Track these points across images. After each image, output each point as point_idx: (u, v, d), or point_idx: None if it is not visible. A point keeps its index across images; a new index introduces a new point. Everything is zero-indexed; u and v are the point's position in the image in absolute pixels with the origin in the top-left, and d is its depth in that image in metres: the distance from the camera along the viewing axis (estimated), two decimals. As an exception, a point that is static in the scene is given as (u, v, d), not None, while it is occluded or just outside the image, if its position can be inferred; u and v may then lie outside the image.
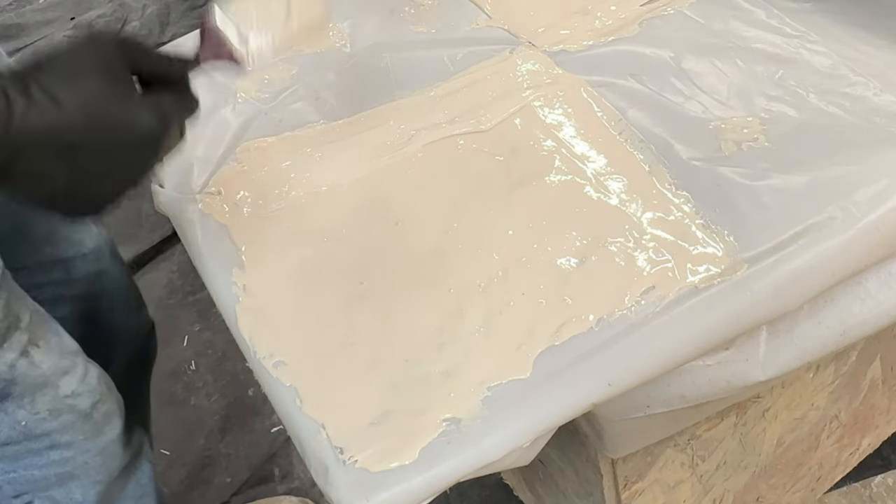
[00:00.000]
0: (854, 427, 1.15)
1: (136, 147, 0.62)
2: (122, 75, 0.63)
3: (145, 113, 0.62)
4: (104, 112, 0.60)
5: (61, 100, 0.58)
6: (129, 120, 0.61)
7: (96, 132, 0.59)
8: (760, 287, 0.67)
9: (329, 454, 0.64)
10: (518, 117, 0.84)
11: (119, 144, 0.61)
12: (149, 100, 0.64)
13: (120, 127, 0.61)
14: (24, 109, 0.56)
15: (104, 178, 0.61)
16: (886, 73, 0.81)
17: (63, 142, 0.58)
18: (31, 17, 2.57)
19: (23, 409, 0.80)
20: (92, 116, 0.59)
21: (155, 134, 0.63)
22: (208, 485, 1.45)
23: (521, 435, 0.64)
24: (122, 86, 0.63)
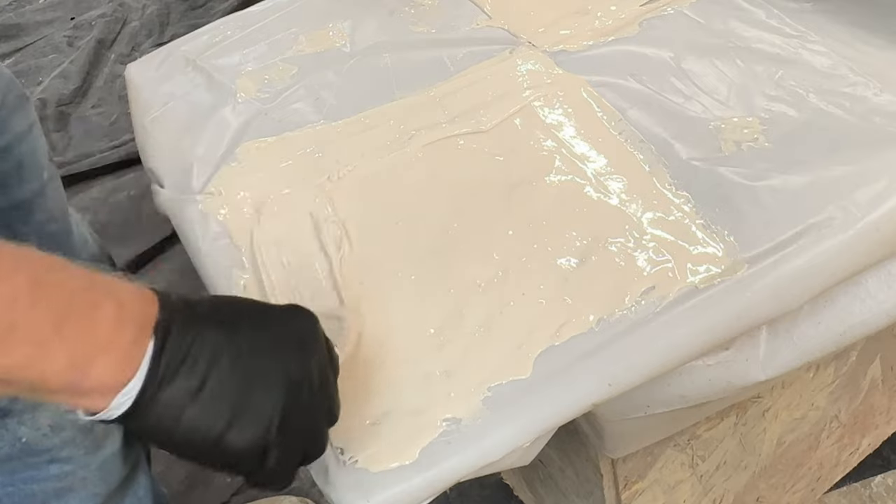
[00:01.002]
0: (854, 427, 1.15)
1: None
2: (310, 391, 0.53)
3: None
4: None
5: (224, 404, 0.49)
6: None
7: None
8: (760, 287, 0.67)
9: (329, 454, 0.64)
10: (518, 117, 0.84)
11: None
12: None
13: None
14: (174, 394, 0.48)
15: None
16: (886, 73, 0.81)
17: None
18: (31, 17, 2.57)
19: (24, 426, 0.80)
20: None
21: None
22: (208, 485, 1.44)
23: (521, 435, 0.64)
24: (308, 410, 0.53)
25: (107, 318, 0.47)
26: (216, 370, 0.49)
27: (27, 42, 2.48)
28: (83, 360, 0.46)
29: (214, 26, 1.05)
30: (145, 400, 0.48)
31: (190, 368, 0.48)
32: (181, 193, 0.84)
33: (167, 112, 0.94)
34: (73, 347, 0.45)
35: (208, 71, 0.97)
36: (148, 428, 0.49)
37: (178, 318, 0.50)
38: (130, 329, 0.47)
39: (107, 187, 1.98)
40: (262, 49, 0.99)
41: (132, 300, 0.49)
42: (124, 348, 0.47)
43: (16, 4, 2.64)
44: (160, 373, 0.48)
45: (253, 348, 0.51)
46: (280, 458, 0.52)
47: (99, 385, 0.47)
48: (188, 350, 0.49)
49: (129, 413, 0.48)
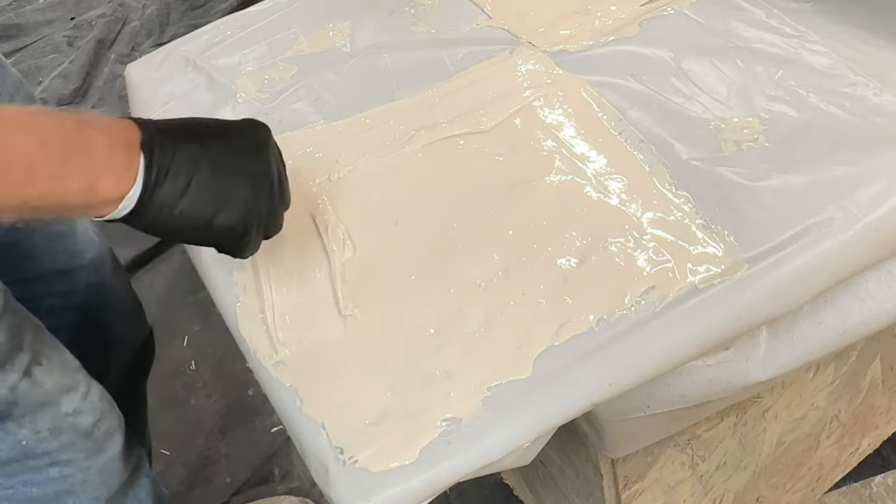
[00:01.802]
0: (854, 427, 1.15)
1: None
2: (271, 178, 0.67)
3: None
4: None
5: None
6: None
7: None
8: (760, 287, 0.67)
9: (329, 454, 0.64)
10: (518, 117, 0.84)
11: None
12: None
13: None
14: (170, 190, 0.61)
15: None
16: (886, 73, 0.81)
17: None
18: (31, 17, 2.57)
19: (24, 429, 0.80)
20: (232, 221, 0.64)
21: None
22: (208, 485, 1.45)
23: (521, 435, 0.64)
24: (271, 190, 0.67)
25: (101, 146, 0.58)
26: (197, 172, 0.62)
27: (27, 42, 2.48)
28: (91, 181, 0.58)
29: (214, 26, 1.05)
30: (144, 201, 0.60)
31: (175, 173, 0.61)
32: (181, 193, 0.84)
33: (167, 112, 0.94)
34: (82, 173, 0.57)
35: (208, 71, 0.97)
36: (148, 222, 0.61)
37: (158, 137, 0.61)
38: (122, 151, 0.59)
39: (107, 187, 1.98)
40: (262, 49, 0.99)
41: (117, 128, 0.60)
42: (121, 166, 0.59)
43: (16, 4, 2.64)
44: (153, 178, 0.60)
45: (224, 152, 0.64)
46: (255, 235, 0.66)
47: (107, 197, 0.59)
48: (171, 159, 0.61)
49: (133, 212, 0.60)
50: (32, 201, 0.56)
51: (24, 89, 0.93)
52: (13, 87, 0.91)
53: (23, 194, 0.55)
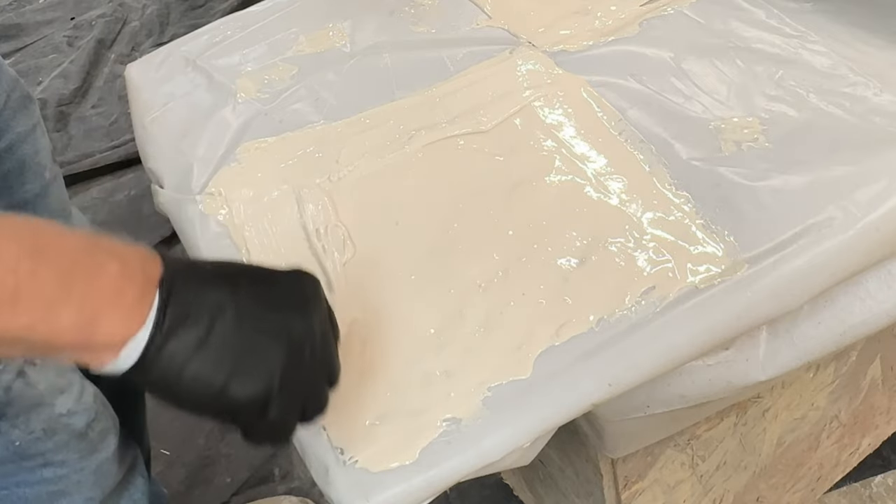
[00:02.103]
0: (854, 427, 1.15)
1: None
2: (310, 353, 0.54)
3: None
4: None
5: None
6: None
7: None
8: (760, 287, 0.67)
9: (329, 454, 0.64)
10: (518, 117, 0.84)
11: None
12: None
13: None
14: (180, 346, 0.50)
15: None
16: (886, 73, 0.81)
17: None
18: (31, 17, 2.57)
19: (17, 429, 0.79)
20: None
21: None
22: (208, 485, 1.44)
23: (521, 435, 0.64)
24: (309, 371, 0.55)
25: (111, 275, 0.48)
26: (220, 324, 0.51)
27: (27, 42, 2.48)
28: (91, 318, 0.47)
29: (214, 26, 1.05)
30: (151, 352, 0.49)
31: (194, 322, 0.50)
32: (181, 193, 0.84)
33: (167, 112, 0.94)
34: (80, 306, 0.47)
35: (208, 71, 0.97)
36: (153, 380, 0.50)
37: (182, 275, 0.51)
38: (135, 285, 0.49)
39: (107, 187, 1.98)
40: (262, 49, 0.99)
41: (135, 258, 0.50)
42: (130, 304, 0.49)
43: (16, 4, 2.64)
44: (165, 326, 0.49)
45: (256, 304, 0.53)
46: (280, 413, 0.53)
47: (107, 340, 0.48)
48: (192, 304, 0.50)
49: (136, 366, 0.49)
50: (13, 332, 0.46)
51: (21, 88, 0.92)
52: (9, 87, 0.90)
53: (3, 320, 0.45)
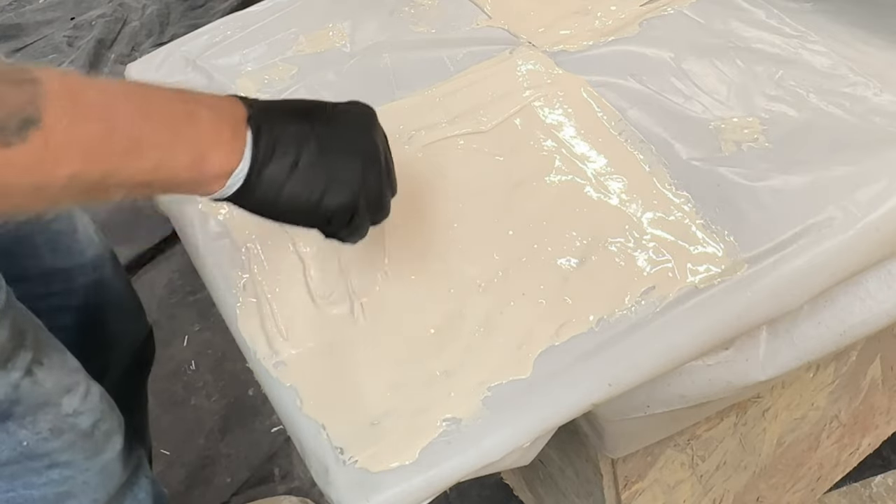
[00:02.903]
0: (854, 427, 1.15)
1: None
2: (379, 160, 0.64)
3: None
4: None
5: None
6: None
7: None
8: (760, 287, 0.67)
9: (329, 454, 0.64)
10: (518, 117, 0.84)
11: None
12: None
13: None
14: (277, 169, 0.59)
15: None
16: (886, 73, 0.81)
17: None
18: (31, 17, 2.57)
19: (24, 429, 0.79)
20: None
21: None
22: (208, 485, 1.45)
23: (521, 435, 0.64)
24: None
25: (207, 120, 0.57)
26: (305, 150, 0.59)
27: (27, 42, 2.48)
28: (199, 155, 0.56)
29: (214, 26, 1.05)
30: (252, 178, 0.58)
31: (283, 151, 0.59)
32: (181, 193, 0.84)
33: (167, 112, 0.93)
34: (191, 147, 0.56)
35: (208, 71, 0.97)
36: (256, 201, 0.60)
37: (264, 114, 0.60)
38: (228, 125, 0.58)
39: (107, 187, 1.98)
40: (262, 49, 0.99)
41: (221, 103, 0.59)
42: (228, 141, 0.57)
43: (16, 4, 2.64)
44: (260, 156, 0.58)
45: (332, 131, 0.62)
46: (363, 217, 0.63)
47: (215, 172, 0.57)
48: (279, 136, 0.59)
49: (240, 191, 0.59)
50: (141, 174, 0.55)
51: None
52: None
53: (132, 166, 0.54)
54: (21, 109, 0.48)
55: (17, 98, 0.48)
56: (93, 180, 0.53)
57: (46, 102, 0.49)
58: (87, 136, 0.51)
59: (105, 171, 0.53)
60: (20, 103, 0.48)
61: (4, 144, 0.48)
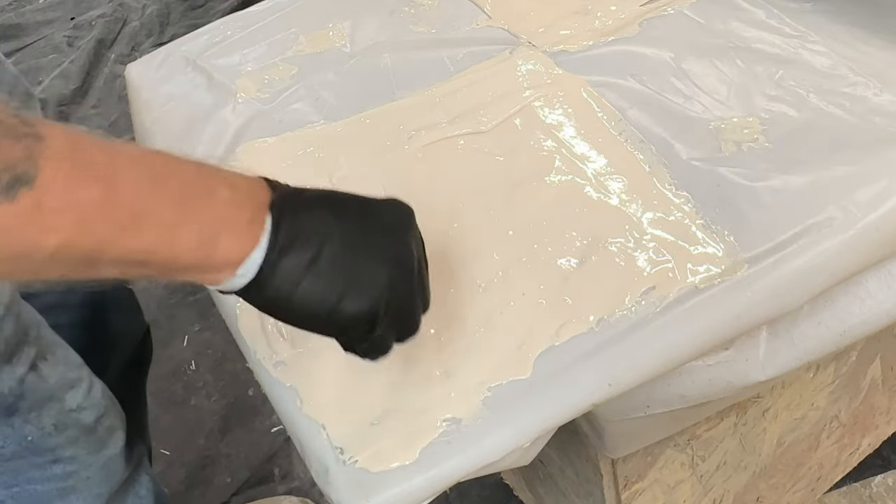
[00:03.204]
0: (854, 427, 1.15)
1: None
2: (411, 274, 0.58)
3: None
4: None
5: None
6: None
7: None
8: (760, 287, 0.67)
9: (329, 454, 0.64)
10: (518, 117, 0.84)
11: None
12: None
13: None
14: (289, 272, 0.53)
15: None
16: (886, 73, 0.81)
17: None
18: (31, 17, 2.57)
19: (29, 424, 0.80)
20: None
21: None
22: (208, 485, 1.45)
23: (521, 435, 0.64)
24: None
25: (224, 199, 0.51)
26: (328, 245, 0.54)
27: (27, 42, 2.49)
28: (208, 239, 0.50)
29: (214, 26, 1.05)
30: (266, 270, 0.52)
31: (304, 243, 0.53)
32: (181, 193, 0.84)
33: (167, 112, 0.94)
34: (200, 227, 0.50)
35: (208, 71, 0.97)
36: (268, 298, 0.53)
37: (290, 200, 0.55)
38: (247, 208, 0.52)
39: (107, 187, 1.98)
40: (262, 49, 0.99)
41: (244, 184, 0.53)
42: (244, 225, 0.52)
43: (16, 4, 2.64)
44: (278, 245, 0.52)
45: (360, 229, 0.56)
46: (384, 331, 0.57)
47: (224, 259, 0.51)
48: (301, 227, 0.54)
49: (251, 284, 0.53)
50: (138, 252, 0.49)
51: (21, 85, 0.93)
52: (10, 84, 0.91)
53: (128, 241, 0.48)
54: (14, 166, 0.43)
55: (13, 153, 0.43)
56: (83, 253, 0.47)
57: (45, 161, 0.44)
58: (83, 203, 0.46)
59: (98, 244, 0.47)
60: (15, 159, 0.43)
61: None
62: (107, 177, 0.47)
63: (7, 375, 0.77)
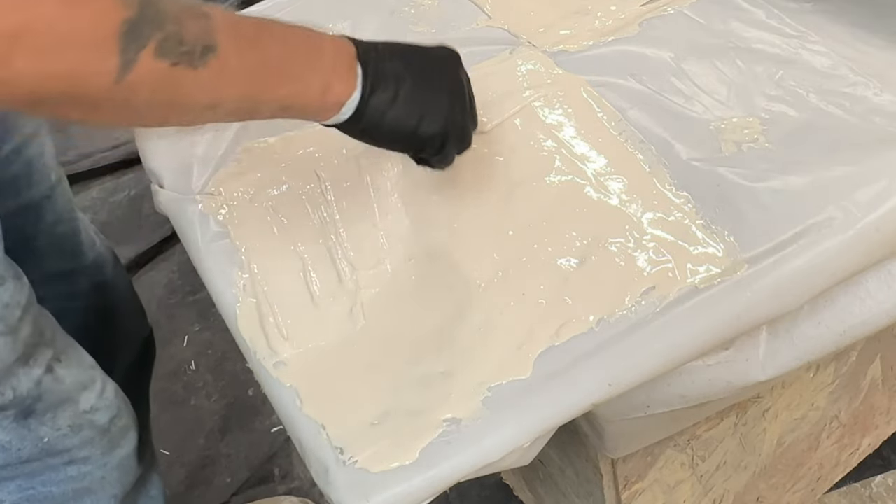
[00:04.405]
0: (854, 427, 1.15)
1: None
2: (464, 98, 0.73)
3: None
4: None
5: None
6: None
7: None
8: (760, 287, 0.67)
9: (329, 454, 0.64)
10: (518, 117, 0.84)
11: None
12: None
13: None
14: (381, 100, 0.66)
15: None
16: (886, 73, 0.81)
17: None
18: (31, 17, 2.57)
19: (45, 426, 0.80)
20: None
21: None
22: (208, 485, 1.45)
23: (521, 435, 0.64)
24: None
25: (330, 54, 0.65)
26: (403, 84, 0.67)
27: (27, 42, 2.48)
28: (327, 85, 0.64)
29: (214, 26, 1.04)
30: (361, 107, 0.66)
31: (385, 84, 0.66)
32: (181, 193, 0.84)
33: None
34: (320, 76, 0.64)
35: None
36: (364, 127, 0.67)
37: (370, 52, 0.67)
38: (345, 60, 0.65)
39: (107, 187, 1.98)
40: (262, 49, 0.99)
41: (338, 41, 0.66)
42: (345, 74, 0.65)
43: (16, 4, 2.63)
44: (368, 87, 0.66)
45: (423, 69, 0.70)
46: (450, 146, 0.72)
47: (335, 100, 0.65)
48: (383, 72, 0.66)
49: (351, 118, 0.66)
50: (286, 98, 0.62)
51: None
52: None
53: (279, 91, 0.61)
54: (201, 38, 0.55)
55: (197, 28, 0.55)
56: (252, 101, 0.61)
57: (218, 34, 0.56)
58: (249, 64, 0.59)
59: (260, 94, 0.61)
60: (200, 33, 0.55)
61: (192, 67, 0.55)
62: (258, 43, 0.60)
63: (25, 377, 0.78)
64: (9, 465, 0.81)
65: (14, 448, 0.80)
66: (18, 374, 0.77)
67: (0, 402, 0.76)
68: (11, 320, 0.75)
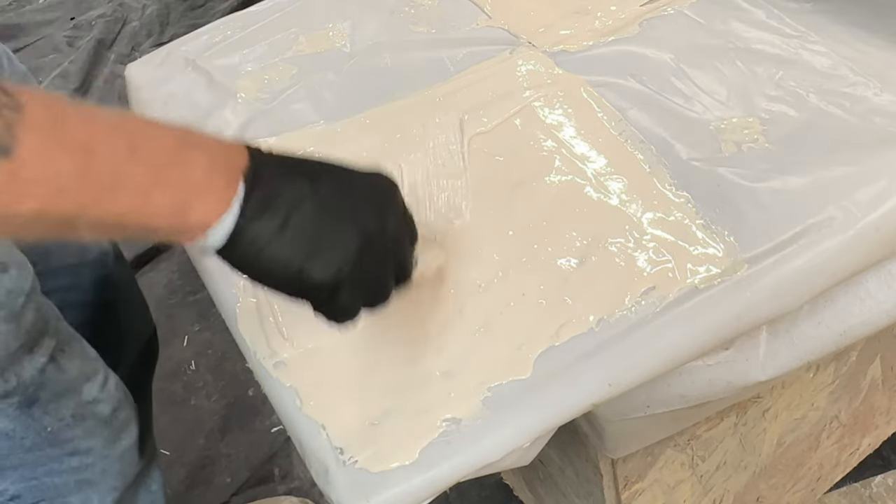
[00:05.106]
0: (854, 427, 1.15)
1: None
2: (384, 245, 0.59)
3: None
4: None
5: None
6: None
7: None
8: (760, 287, 0.67)
9: (329, 454, 0.64)
10: (518, 117, 0.84)
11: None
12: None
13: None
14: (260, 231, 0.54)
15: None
16: (886, 73, 0.81)
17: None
18: (31, 17, 2.57)
19: (48, 415, 0.81)
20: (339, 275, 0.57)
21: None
22: (208, 485, 1.45)
23: (521, 435, 0.64)
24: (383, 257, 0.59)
25: (200, 167, 0.53)
26: (298, 212, 0.55)
27: (27, 42, 2.48)
28: (182, 204, 0.52)
29: (214, 26, 1.05)
30: (235, 235, 0.54)
31: (275, 209, 0.55)
32: (181, 193, 0.84)
33: (167, 112, 0.94)
34: (174, 194, 0.52)
35: (208, 71, 0.97)
36: (237, 260, 0.56)
37: (266, 167, 0.56)
38: (222, 175, 0.53)
39: (107, 187, 1.98)
40: (262, 49, 0.99)
41: (222, 151, 0.55)
42: (218, 192, 0.53)
43: (16, 4, 2.64)
44: (248, 212, 0.54)
45: (334, 197, 0.57)
46: (348, 298, 0.58)
47: (197, 223, 0.53)
48: (273, 194, 0.55)
49: (224, 245, 0.54)
50: (113, 217, 0.50)
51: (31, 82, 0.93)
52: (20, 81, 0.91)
53: (104, 207, 0.49)
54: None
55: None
56: (59, 218, 0.48)
57: (23, 132, 0.45)
58: (59, 172, 0.47)
59: (74, 210, 0.48)
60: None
61: None
62: (84, 147, 0.48)
63: (29, 365, 0.78)
64: (13, 453, 0.81)
65: (18, 436, 0.80)
66: (23, 361, 0.78)
67: (4, 388, 0.77)
68: (14, 307, 0.76)
